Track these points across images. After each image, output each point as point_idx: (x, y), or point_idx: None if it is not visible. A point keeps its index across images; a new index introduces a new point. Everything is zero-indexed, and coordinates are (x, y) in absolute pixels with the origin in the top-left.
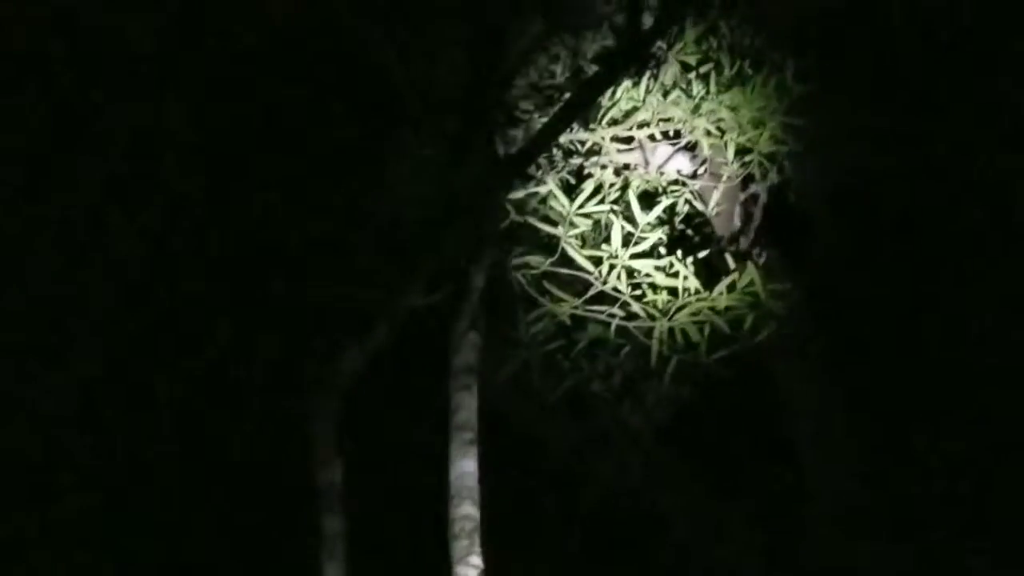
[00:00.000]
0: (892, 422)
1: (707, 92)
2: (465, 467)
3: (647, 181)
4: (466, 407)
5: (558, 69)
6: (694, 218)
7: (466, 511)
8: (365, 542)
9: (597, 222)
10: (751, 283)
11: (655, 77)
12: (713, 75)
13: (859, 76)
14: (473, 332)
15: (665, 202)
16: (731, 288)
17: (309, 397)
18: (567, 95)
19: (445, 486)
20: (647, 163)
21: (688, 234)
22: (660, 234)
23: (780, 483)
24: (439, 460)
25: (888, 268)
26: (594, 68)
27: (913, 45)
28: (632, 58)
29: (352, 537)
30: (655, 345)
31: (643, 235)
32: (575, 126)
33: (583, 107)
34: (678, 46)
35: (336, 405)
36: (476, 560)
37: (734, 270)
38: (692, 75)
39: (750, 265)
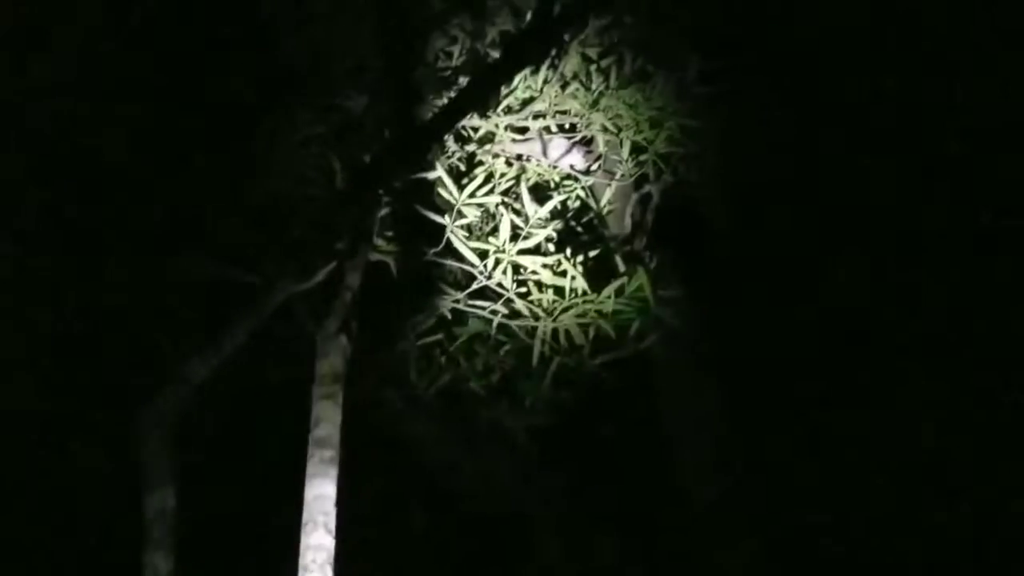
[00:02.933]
0: (774, 433)
1: (606, 87)
2: (322, 489)
3: (539, 174)
4: (328, 420)
5: (456, 51)
6: (585, 215)
7: (319, 540)
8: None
9: (486, 211)
10: (640, 288)
11: (555, 67)
12: (614, 69)
13: (759, 81)
14: (343, 336)
15: (557, 198)
16: (619, 292)
17: (140, 407)
18: (465, 79)
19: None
20: (545, 154)
21: (578, 231)
22: (550, 230)
23: (654, 494)
24: (296, 476)
25: (779, 273)
26: (493, 52)
27: (814, 52)
28: (543, 45)
29: (183, 559)
30: (537, 345)
31: (532, 230)
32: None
33: (484, 94)
34: (580, 37)
35: (171, 419)
36: None
37: (623, 273)
38: (592, 68)
39: (640, 269)
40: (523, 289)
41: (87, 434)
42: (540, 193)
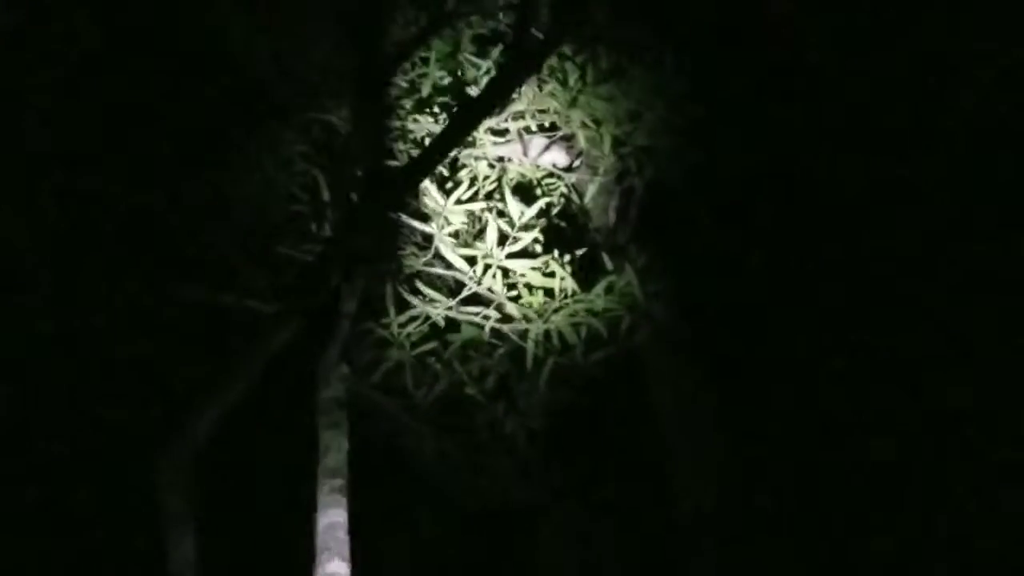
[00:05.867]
0: (763, 421)
1: (584, 84)
2: (333, 518)
3: (522, 174)
4: (336, 449)
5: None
6: (570, 212)
7: (335, 568)
8: None
9: (472, 215)
10: (628, 284)
11: None
12: (590, 66)
13: (736, 73)
14: (343, 364)
15: (541, 201)
16: (608, 289)
17: (155, 463)
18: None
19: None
20: (526, 154)
21: (563, 227)
22: (536, 234)
23: (651, 488)
24: (308, 505)
25: (762, 264)
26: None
27: (790, 42)
28: (538, 62)
29: None
30: (530, 347)
31: (519, 234)
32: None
33: (468, 126)
34: None
35: (186, 471)
36: None
37: (611, 272)
38: (568, 65)
39: (627, 266)
40: (513, 292)
41: (99, 475)
42: (524, 192)
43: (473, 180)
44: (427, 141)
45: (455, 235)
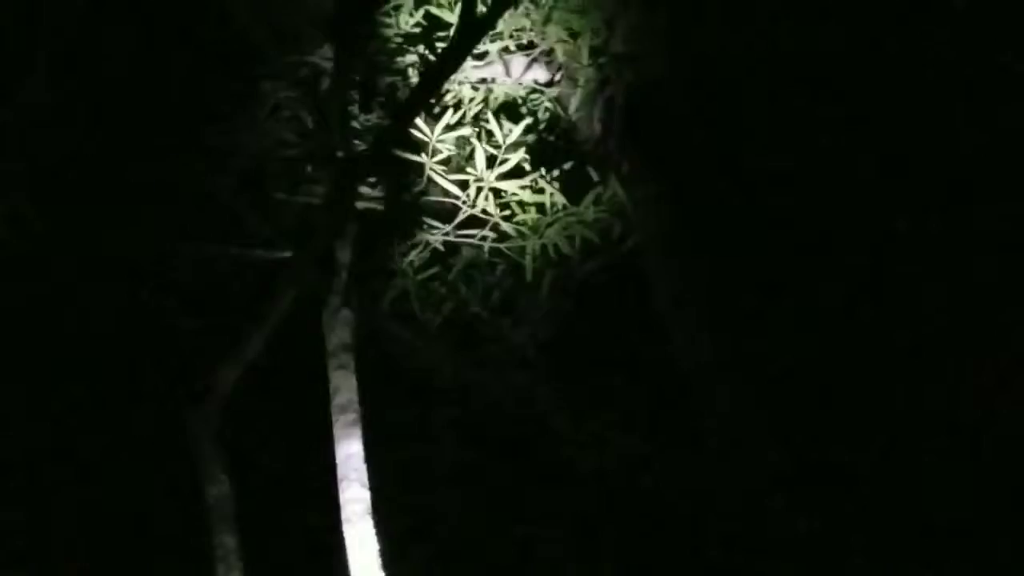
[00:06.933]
0: (762, 315)
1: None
2: (350, 449)
3: (506, 94)
4: (346, 387)
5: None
6: (556, 126)
7: (355, 493)
8: (259, 532)
9: (460, 137)
10: (615, 193)
11: None
12: None
13: None
14: (346, 309)
15: (527, 120)
16: (596, 200)
17: (186, 413)
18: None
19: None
20: (508, 74)
21: (551, 142)
22: (523, 153)
23: (659, 386)
24: (328, 441)
25: (748, 161)
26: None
27: None
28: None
29: (244, 530)
30: (529, 262)
31: (507, 155)
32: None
33: (472, 45)
34: None
35: (216, 419)
36: (371, 540)
37: (598, 183)
38: None
39: (613, 176)
40: (507, 212)
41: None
42: (509, 112)
43: (458, 104)
44: (411, 71)
45: (446, 161)
